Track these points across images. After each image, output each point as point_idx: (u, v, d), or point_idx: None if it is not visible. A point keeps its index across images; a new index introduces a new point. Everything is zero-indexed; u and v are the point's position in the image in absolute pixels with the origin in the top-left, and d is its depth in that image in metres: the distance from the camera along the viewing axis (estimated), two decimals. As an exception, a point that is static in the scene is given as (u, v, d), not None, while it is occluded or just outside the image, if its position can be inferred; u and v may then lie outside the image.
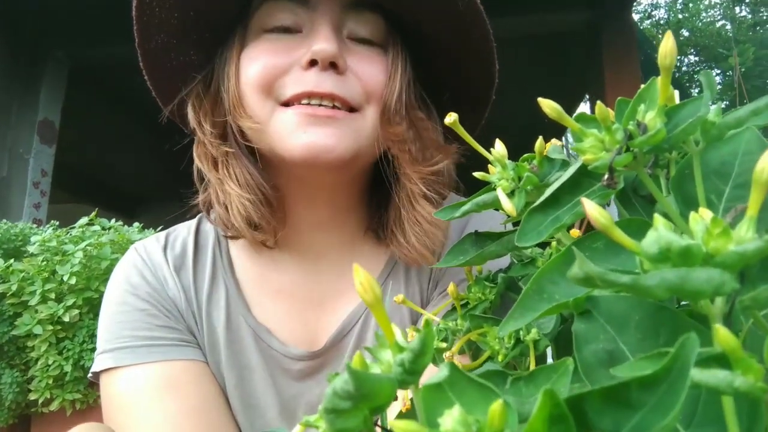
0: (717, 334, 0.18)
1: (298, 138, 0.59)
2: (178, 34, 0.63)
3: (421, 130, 0.64)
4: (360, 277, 0.21)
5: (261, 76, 0.60)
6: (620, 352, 0.24)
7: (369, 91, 0.62)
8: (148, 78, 0.67)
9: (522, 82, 3.11)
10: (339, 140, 0.59)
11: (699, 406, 0.22)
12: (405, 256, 0.67)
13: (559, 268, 0.27)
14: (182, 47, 0.64)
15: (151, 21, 0.61)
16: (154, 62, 0.66)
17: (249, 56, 0.62)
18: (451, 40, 0.64)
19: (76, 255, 1.47)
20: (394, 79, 0.63)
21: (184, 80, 0.67)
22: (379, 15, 0.64)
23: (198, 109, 0.66)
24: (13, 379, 1.47)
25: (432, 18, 0.62)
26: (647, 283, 0.19)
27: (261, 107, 0.61)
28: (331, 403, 0.19)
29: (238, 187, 0.62)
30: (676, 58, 0.26)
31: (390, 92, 0.62)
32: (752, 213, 0.21)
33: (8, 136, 3.63)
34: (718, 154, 0.30)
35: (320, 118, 0.59)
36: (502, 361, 0.41)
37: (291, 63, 0.60)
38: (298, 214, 0.69)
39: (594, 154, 0.27)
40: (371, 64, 0.63)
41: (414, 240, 0.64)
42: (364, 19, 0.63)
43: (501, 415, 0.17)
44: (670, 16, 8.43)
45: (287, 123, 0.59)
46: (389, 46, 0.64)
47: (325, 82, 0.59)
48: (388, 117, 0.62)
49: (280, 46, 0.61)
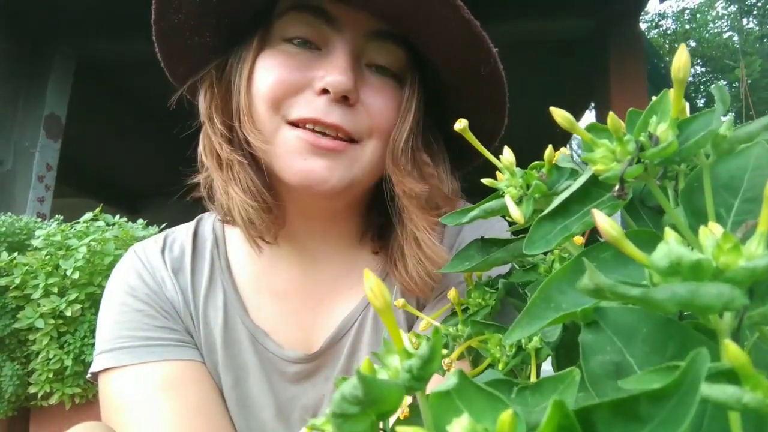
0: (727, 349, 0.19)
1: (297, 164, 0.59)
2: (198, 16, 0.61)
3: (427, 176, 0.64)
4: (371, 283, 0.21)
5: (273, 91, 0.60)
6: (627, 365, 0.24)
7: (376, 126, 0.62)
8: (160, 54, 0.66)
9: (528, 89, 3.11)
10: (334, 172, 0.60)
11: (705, 420, 0.22)
12: (404, 287, 0.67)
13: (568, 278, 0.27)
14: (199, 29, 0.63)
15: (170, 2, 0.59)
16: (168, 41, 0.64)
17: (264, 65, 0.61)
18: (469, 90, 0.64)
19: (80, 250, 1.47)
20: (406, 118, 0.62)
21: (197, 61, 0.66)
22: (402, 48, 0.63)
23: (210, 100, 0.65)
24: (13, 371, 1.47)
25: (452, 61, 0.61)
26: (657, 296, 0.19)
27: (269, 121, 0.61)
28: (340, 407, 0.19)
29: (242, 192, 0.62)
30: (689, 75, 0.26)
31: (400, 131, 0.62)
32: (763, 229, 0.21)
33: (14, 130, 3.65)
34: (728, 167, 0.30)
35: (321, 150, 0.59)
36: (503, 368, 0.41)
37: (304, 83, 0.60)
38: (295, 222, 0.70)
39: (605, 165, 0.27)
40: (384, 98, 0.62)
41: (416, 275, 0.65)
42: (386, 50, 0.63)
43: (511, 425, 0.17)
44: (678, 27, 8.43)
45: (290, 145, 0.60)
46: (406, 82, 0.64)
47: (334, 113, 0.59)
48: (395, 158, 0.62)
49: (296, 63, 0.60)
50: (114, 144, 5.54)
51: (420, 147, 0.64)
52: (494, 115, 0.67)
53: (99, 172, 6.37)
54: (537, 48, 3.99)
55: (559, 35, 3.89)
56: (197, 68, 0.66)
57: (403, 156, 0.62)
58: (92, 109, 4.51)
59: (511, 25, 3.58)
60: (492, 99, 0.64)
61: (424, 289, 0.66)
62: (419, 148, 0.64)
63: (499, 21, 3.37)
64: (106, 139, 5.38)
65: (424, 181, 0.64)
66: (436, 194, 0.65)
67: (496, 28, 0.63)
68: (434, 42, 0.60)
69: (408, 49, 0.63)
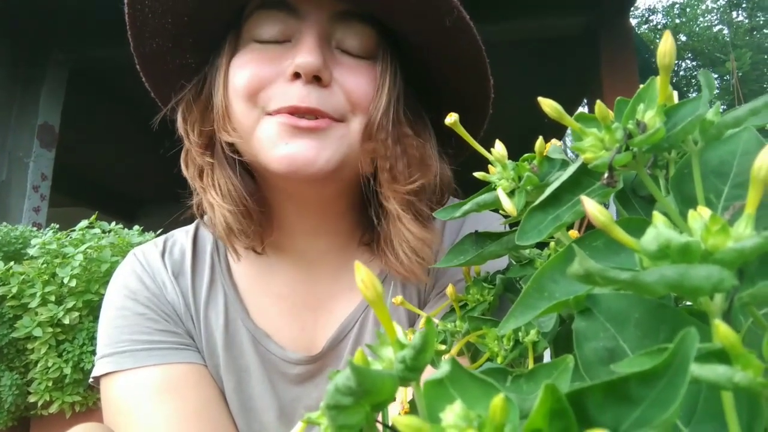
0: (717, 329, 0.19)
1: (280, 149, 0.58)
2: (173, 39, 0.63)
3: (407, 146, 0.63)
4: (362, 274, 0.21)
5: (247, 85, 0.60)
6: (621, 350, 0.24)
7: (354, 102, 0.61)
8: (146, 81, 0.67)
9: (521, 86, 3.12)
10: (320, 151, 0.58)
11: (699, 402, 0.22)
12: (396, 273, 0.66)
13: (560, 267, 0.27)
14: (178, 51, 0.64)
15: (144, 27, 0.61)
16: (150, 66, 0.65)
17: (237, 65, 0.62)
18: (441, 54, 0.63)
19: (76, 258, 1.47)
20: (382, 93, 0.62)
21: (181, 84, 0.67)
22: (370, 26, 0.63)
23: (187, 116, 0.66)
24: (12, 381, 1.46)
25: (419, 31, 0.61)
26: (647, 279, 0.19)
27: (247, 116, 0.60)
28: (333, 399, 0.19)
29: (220, 197, 0.62)
30: (674, 61, 0.26)
31: (376, 107, 0.61)
32: (750, 210, 0.21)
33: (8, 140, 3.64)
34: (717, 153, 0.30)
35: (302, 130, 0.58)
36: (501, 362, 0.41)
37: (277, 73, 0.60)
38: (289, 221, 0.70)
39: (594, 153, 0.27)
40: (358, 75, 0.62)
41: (403, 257, 0.64)
42: (354, 30, 0.62)
43: (502, 410, 0.17)
44: (668, 21, 8.46)
45: (271, 132, 0.59)
46: (379, 58, 0.63)
47: (309, 96, 0.58)
48: (371, 132, 0.61)
49: (267, 56, 0.61)
50: (108, 151, 5.52)
51: (401, 119, 0.64)
52: (477, 78, 0.65)
53: (94, 180, 6.35)
54: (529, 45, 4.01)
55: (551, 33, 3.91)
56: (182, 90, 0.67)
57: (383, 130, 0.61)
58: (86, 117, 4.50)
59: (503, 24, 3.59)
60: (469, 55, 0.63)
61: (416, 270, 0.65)
62: (401, 120, 0.63)
63: (491, 19, 3.38)
64: (101, 146, 5.37)
65: (403, 147, 0.63)
66: (412, 162, 0.63)
67: (488, 26, 0.62)
68: (397, 15, 0.60)
69: (377, 26, 0.63)
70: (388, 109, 0.61)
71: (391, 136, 0.61)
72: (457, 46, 0.61)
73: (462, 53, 0.62)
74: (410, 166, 0.63)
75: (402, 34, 0.63)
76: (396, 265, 0.65)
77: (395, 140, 0.62)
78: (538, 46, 4.04)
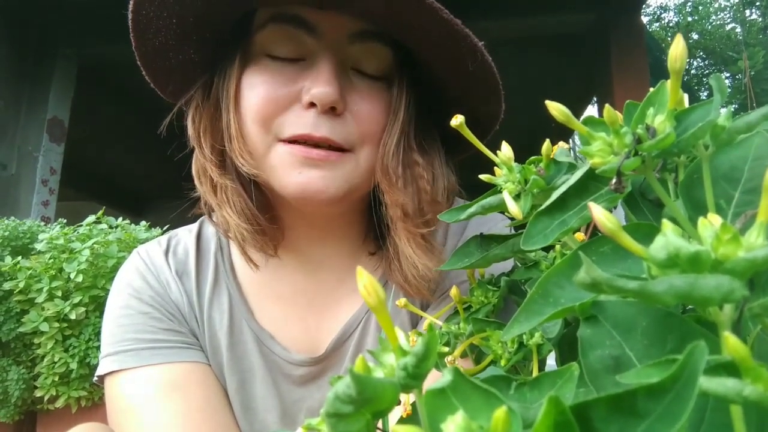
0: (727, 342, 0.18)
1: (293, 177, 0.59)
2: (178, 36, 0.62)
3: (417, 178, 0.63)
4: (364, 280, 0.21)
5: (262, 110, 0.60)
6: (626, 359, 0.24)
7: (365, 133, 0.61)
8: (147, 76, 0.66)
9: (530, 84, 3.11)
10: (331, 182, 0.60)
11: (707, 414, 0.22)
12: (403, 290, 0.67)
13: (566, 272, 0.27)
14: (182, 48, 0.63)
15: (148, 28, 0.60)
16: (152, 62, 0.65)
17: (250, 82, 0.61)
18: (459, 84, 0.63)
19: (83, 253, 1.48)
20: (395, 121, 0.62)
21: (184, 79, 0.66)
22: (387, 46, 0.62)
23: (198, 122, 0.65)
24: (19, 375, 1.48)
25: (439, 58, 0.60)
26: (655, 289, 0.19)
27: (261, 141, 0.61)
28: (333, 407, 0.19)
29: (237, 216, 0.62)
30: (685, 65, 0.26)
31: (390, 135, 0.62)
32: (763, 219, 0.21)
33: (17, 134, 3.67)
34: (728, 158, 0.30)
35: (314, 161, 0.59)
36: (505, 365, 0.41)
37: (291, 98, 0.60)
38: (297, 231, 0.70)
39: (602, 158, 0.27)
40: (371, 103, 0.62)
41: (411, 278, 0.65)
42: (371, 50, 0.62)
43: (505, 422, 0.16)
44: (680, 19, 8.39)
45: (284, 160, 0.60)
46: (394, 81, 0.63)
47: (323, 126, 0.59)
48: (381, 162, 0.62)
49: (282, 78, 0.60)
50: (117, 146, 5.56)
51: (413, 146, 0.64)
52: (488, 106, 0.66)
53: (102, 174, 6.39)
54: (539, 43, 3.98)
55: (560, 30, 3.88)
56: (185, 85, 0.67)
57: (394, 159, 0.62)
58: (95, 111, 4.53)
59: (512, 21, 3.57)
60: (484, 92, 0.63)
61: (421, 291, 0.65)
62: (412, 147, 0.64)
63: (500, 16, 3.37)
64: (109, 141, 5.40)
65: (414, 182, 0.63)
66: (422, 199, 0.64)
67: (497, 24, 0.62)
68: (417, 40, 0.59)
69: (394, 47, 0.62)
70: (401, 139, 0.62)
71: (401, 164, 0.62)
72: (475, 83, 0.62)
73: (477, 88, 0.63)
74: (421, 203, 0.63)
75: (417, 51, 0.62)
76: (404, 286, 0.66)
77: (405, 166, 0.63)
78: (548, 43, 4.02)
